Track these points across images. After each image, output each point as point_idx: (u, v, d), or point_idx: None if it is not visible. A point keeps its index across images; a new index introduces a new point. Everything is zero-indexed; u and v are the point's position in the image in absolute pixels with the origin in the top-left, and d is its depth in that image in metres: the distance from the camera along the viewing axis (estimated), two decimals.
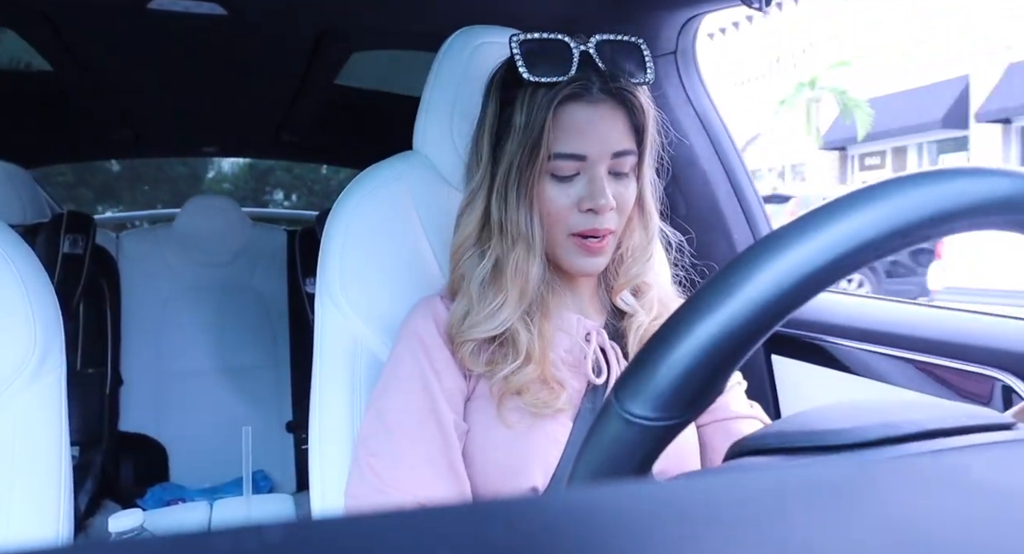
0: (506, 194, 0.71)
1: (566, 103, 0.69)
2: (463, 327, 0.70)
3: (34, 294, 0.74)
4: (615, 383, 0.33)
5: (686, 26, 1.12)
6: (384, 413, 0.70)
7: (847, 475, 0.20)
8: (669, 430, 0.31)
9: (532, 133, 0.69)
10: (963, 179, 0.31)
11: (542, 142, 0.68)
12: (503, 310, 0.70)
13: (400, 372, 0.71)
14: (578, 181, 0.70)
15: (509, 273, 0.70)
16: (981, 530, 0.17)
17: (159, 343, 2.14)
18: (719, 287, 0.30)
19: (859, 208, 0.30)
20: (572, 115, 0.70)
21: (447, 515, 0.18)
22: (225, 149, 2.63)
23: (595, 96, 0.70)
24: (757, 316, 0.30)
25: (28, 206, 1.87)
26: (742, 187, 1.15)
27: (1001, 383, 0.76)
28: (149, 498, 1.94)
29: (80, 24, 1.28)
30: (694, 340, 0.30)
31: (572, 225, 0.71)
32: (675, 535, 0.17)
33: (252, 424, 1.60)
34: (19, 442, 0.73)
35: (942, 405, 0.45)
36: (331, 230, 0.85)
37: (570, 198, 0.70)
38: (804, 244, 0.30)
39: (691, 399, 0.31)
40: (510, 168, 0.70)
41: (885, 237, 0.30)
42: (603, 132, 0.70)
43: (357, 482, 0.69)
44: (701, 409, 0.32)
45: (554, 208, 0.71)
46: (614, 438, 0.32)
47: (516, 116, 0.70)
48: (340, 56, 1.49)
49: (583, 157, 0.70)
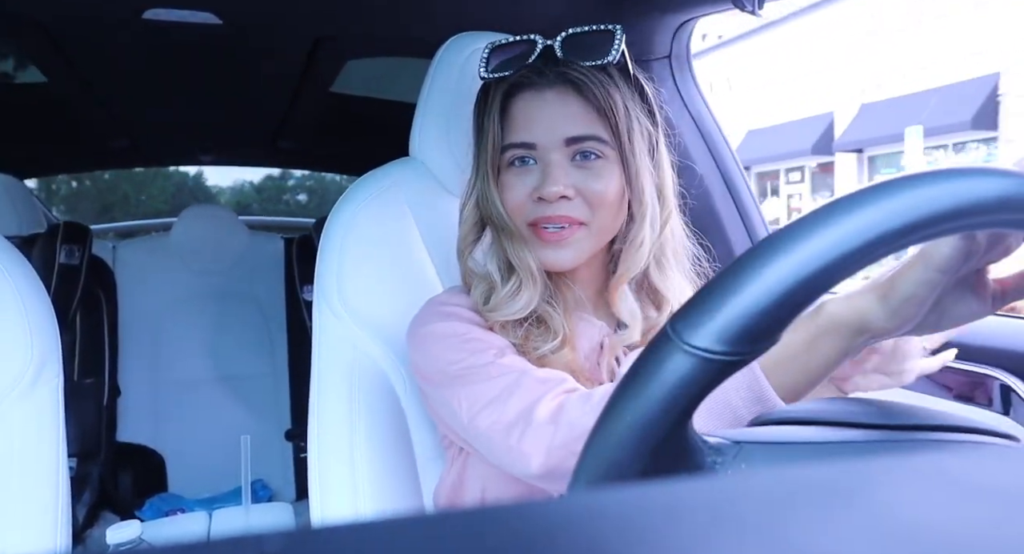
0: (484, 189, 0.72)
1: (514, 94, 0.71)
2: (488, 308, 0.70)
3: (30, 305, 0.74)
4: (673, 316, 0.32)
5: (680, 30, 1.13)
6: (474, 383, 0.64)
7: (849, 476, 0.20)
8: (730, 365, 0.31)
9: (488, 128, 0.71)
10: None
11: (491, 135, 0.70)
12: (523, 291, 0.69)
13: (454, 344, 0.68)
14: (535, 170, 0.70)
15: (514, 262, 0.70)
16: (981, 531, 0.17)
17: (156, 353, 2.14)
18: (800, 230, 0.31)
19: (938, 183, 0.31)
20: (519, 105, 0.71)
21: (448, 522, 0.18)
22: (221, 157, 2.63)
23: (541, 83, 0.70)
24: (838, 262, 0.30)
25: (24, 217, 1.87)
26: (738, 189, 1.16)
27: (999, 382, 0.76)
28: (147, 509, 1.93)
29: (75, 34, 1.28)
30: (770, 277, 0.30)
31: (527, 214, 0.70)
32: (676, 537, 0.17)
33: (251, 433, 1.60)
34: (16, 454, 0.72)
35: (965, 409, 0.46)
36: (328, 237, 0.85)
37: (526, 187, 0.70)
38: (888, 202, 0.30)
39: (757, 335, 0.31)
40: (482, 165, 0.72)
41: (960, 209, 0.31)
42: (552, 118, 0.69)
43: (533, 443, 0.59)
44: (766, 347, 0.31)
45: (510, 198, 0.71)
46: (671, 370, 0.31)
47: (482, 116, 0.72)
48: (335, 64, 1.50)
49: (531, 145, 0.70)
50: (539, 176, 0.69)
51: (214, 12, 1.18)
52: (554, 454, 0.58)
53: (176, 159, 2.92)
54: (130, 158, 2.39)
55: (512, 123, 0.71)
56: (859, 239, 0.30)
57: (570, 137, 0.69)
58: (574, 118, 0.69)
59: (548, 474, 0.59)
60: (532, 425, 0.59)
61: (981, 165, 0.34)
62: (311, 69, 1.50)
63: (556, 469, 0.58)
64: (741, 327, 0.30)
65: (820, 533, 0.17)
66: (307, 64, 1.47)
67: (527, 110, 0.70)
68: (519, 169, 0.71)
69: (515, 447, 0.60)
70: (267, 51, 1.42)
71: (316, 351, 0.84)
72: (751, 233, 1.15)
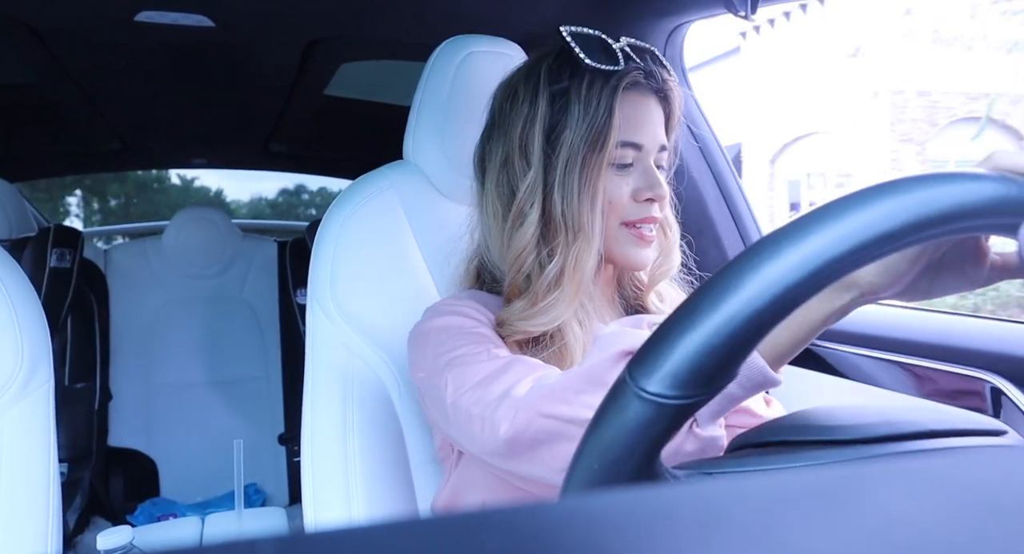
0: (568, 186, 0.68)
1: (627, 91, 0.68)
2: (518, 319, 0.68)
3: (21, 309, 0.74)
4: (629, 361, 0.32)
5: (673, 34, 1.13)
6: (464, 366, 0.62)
7: (844, 479, 0.20)
8: (684, 409, 0.31)
9: (597, 121, 0.66)
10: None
11: (610, 129, 0.66)
12: (558, 305, 0.68)
13: (453, 334, 0.66)
14: (633, 171, 0.70)
15: (569, 268, 0.68)
16: (975, 534, 0.17)
17: (148, 357, 2.12)
18: (742, 267, 0.30)
19: (886, 197, 0.30)
20: (632, 104, 0.69)
21: (443, 525, 0.18)
22: (214, 161, 2.62)
23: (648, 87, 0.70)
24: (781, 297, 0.29)
25: (14, 220, 1.85)
26: (731, 193, 1.16)
27: (990, 385, 0.76)
28: (139, 514, 1.91)
29: (68, 36, 1.28)
30: (716, 318, 0.30)
31: (627, 214, 0.70)
32: (674, 540, 0.17)
33: (244, 437, 1.59)
34: (7, 459, 0.72)
35: (939, 408, 0.45)
36: (322, 240, 0.84)
37: (628, 187, 0.70)
38: (832, 228, 0.30)
39: (708, 378, 0.30)
40: (572, 159, 0.67)
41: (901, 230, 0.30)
42: (654, 124, 0.70)
43: (506, 410, 0.57)
44: (718, 389, 0.31)
45: (614, 198, 0.69)
46: (628, 416, 0.31)
47: (574, 106, 0.67)
48: (329, 66, 1.49)
49: (640, 146, 0.70)
50: (639, 178, 0.70)
51: (207, 14, 1.18)
52: (520, 416, 0.55)
53: (168, 162, 2.91)
54: (121, 161, 2.38)
55: (624, 120, 0.68)
56: (804, 269, 0.29)
57: (663, 145, 0.71)
58: (662, 126, 0.71)
59: (513, 440, 0.56)
60: (510, 398, 0.57)
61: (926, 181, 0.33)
62: (304, 72, 1.50)
63: (520, 435, 0.55)
64: (691, 371, 0.30)
65: (814, 537, 0.17)
66: (300, 67, 1.47)
67: (637, 110, 0.69)
68: (621, 169, 0.70)
69: (488, 417, 0.57)
70: (260, 53, 1.41)
71: (309, 354, 0.84)
72: (744, 237, 1.15)
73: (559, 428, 0.53)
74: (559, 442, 0.53)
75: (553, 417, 0.53)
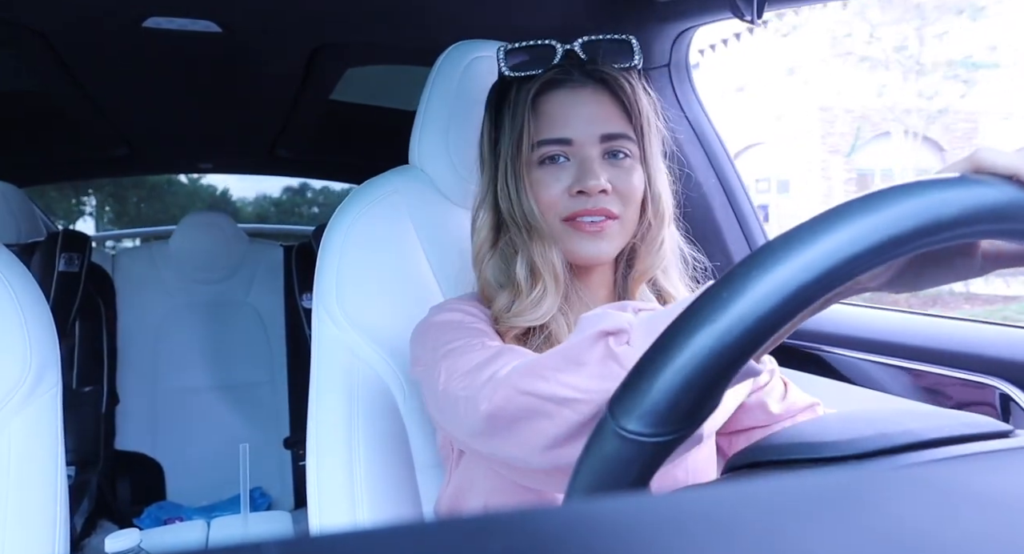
0: (508, 188, 0.72)
1: (547, 91, 0.71)
2: (509, 315, 0.70)
3: (30, 313, 0.74)
4: (610, 399, 0.32)
5: (679, 39, 1.13)
6: (458, 356, 0.63)
7: (846, 485, 0.20)
8: (664, 446, 0.31)
9: (517, 125, 0.70)
10: (953, 189, 0.31)
11: (524, 132, 0.70)
12: (545, 299, 0.69)
13: (452, 327, 0.67)
14: (569, 167, 0.71)
15: (539, 264, 0.70)
16: (980, 539, 0.17)
17: (155, 361, 2.13)
18: (712, 301, 0.30)
19: (853, 219, 0.30)
20: (553, 102, 0.71)
21: (447, 529, 0.18)
22: (220, 165, 2.63)
23: (576, 81, 0.71)
24: (752, 330, 0.29)
25: (23, 225, 1.87)
26: (737, 197, 1.16)
27: (999, 391, 0.76)
28: (146, 517, 1.92)
29: (75, 43, 1.29)
30: (688, 355, 0.29)
31: (563, 210, 0.71)
32: (675, 547, 0.17)
33: (249, 441, 1.60)
34: (15, 463, 0.72)
35: (939, 414, 0.45)
36: (328, 244, 0.85)
37: (561, 183, 0.71)
38: (799, 255, 0.29)
39: (686, 414, 0.30)
40: (506, 163, 0.72)
41: (878, 248, 0.29)
42: (588, 115, 0.71)
43: (489, 390, 0.57)
44: (697, 424, 0.31)
45: (546, 195, 0.71)
46: (610, 455, 0.31)
47: (505, 115, 0.72)
48: (335, 72, 1.50)
49: (568, 141, 0.70)
50: (574, 172, 0.70)
51: (214, 20, 1.18)
52: (499, 393, 0.55)
53: (175, 166, 2.92)
54: (129, 166, 2.40)
55: (546, 120, 0.71)
56: (775, 298, 0.29)
57: (605, 134, 0.71)
58: (607, 116, 0.71)
59: (492, 416, 0.55)
60: (493, 380, 0.57)
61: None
62: (310, 77, 1.51)
63: (500, 412, 0.55)
64: (669, 408, 0.30)
65: (818, 542, 0.17)
66: (306, 72, 1.48)
67: (562, 107, 0.71)
68: (552, 166, 0.71)
69: (472, 397, 0.58)
70: (267, 59, 1.42)
71: (315, 359, 0.84)
72: (750, 241, 1.15)
73: (537, 405, 0.53)
74: (537, 419, 0.53)
75: (530, 394, 0.53)
